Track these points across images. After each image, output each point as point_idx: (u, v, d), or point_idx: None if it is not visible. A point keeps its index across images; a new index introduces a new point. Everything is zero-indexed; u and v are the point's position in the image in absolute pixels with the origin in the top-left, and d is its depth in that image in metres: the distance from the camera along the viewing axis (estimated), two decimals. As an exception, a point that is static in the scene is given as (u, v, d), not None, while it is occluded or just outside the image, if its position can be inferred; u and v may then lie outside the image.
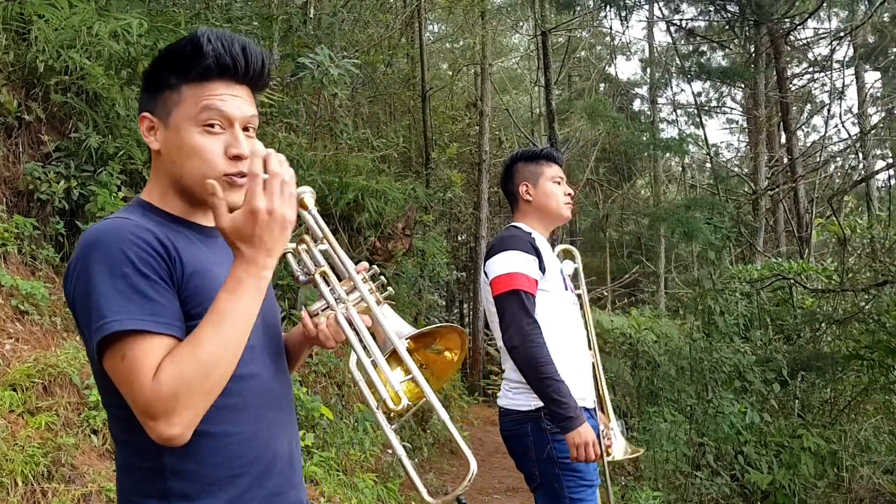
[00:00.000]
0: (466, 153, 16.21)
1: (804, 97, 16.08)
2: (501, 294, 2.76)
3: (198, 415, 1.29)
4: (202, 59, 1.43)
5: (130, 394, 1.28)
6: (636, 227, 19.72)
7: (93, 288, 1.31)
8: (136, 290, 1.31)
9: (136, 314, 1.29)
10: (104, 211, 5.02)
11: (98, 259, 1.32)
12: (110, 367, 1.31)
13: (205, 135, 1.44)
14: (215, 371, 1.29)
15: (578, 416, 2.64)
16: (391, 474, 6.48)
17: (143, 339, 1.28)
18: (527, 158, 3.09)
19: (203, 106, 1.44)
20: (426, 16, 15.77)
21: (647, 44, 20.49)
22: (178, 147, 1.45)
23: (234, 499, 1.40)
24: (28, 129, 5.28)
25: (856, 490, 5.89)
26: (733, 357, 6.55)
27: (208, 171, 1.43)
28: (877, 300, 7.08)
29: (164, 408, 1.25)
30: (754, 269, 8.60)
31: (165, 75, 1.47)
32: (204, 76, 1.44)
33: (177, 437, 1.27)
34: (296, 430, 1.61)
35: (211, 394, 1.29)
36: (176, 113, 1.45)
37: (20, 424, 3.70)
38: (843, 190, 10.72)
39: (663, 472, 6.35)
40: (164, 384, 1.26)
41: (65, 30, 5.30)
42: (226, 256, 1.46)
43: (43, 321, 4.47)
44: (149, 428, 1.27)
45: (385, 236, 8.87)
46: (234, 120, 1.46)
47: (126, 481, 1.43)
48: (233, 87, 1.47)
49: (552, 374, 2.64)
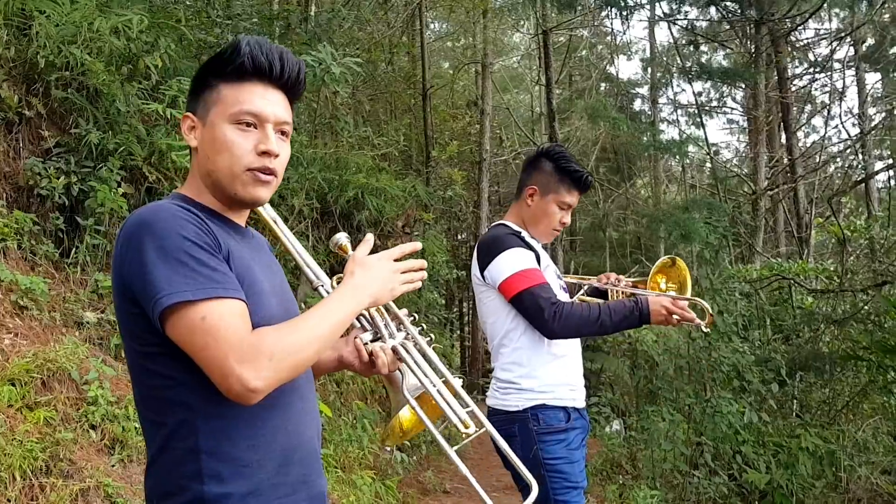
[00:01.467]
0: (467, 152, 16.21)
1: (804, 97, 16.08)
2: (516, 296, 2.73)
3: (279, 381, 1.38)
4: (238, 57, 1.51)
5: (218, 348, 1.33)
6: (636, 226, 19.71)
7: (151, 265, 1.37)
8: (198, 261, 1.38)
9: (206, 284, 1.36)
10: (104, 207, 5.03)
11: (153, 236, 1.38)
12: (187, 331, 1.35)
13: (237, 131, 1.51)
14: (307, 352, 1.41)
15: (640, 308, 2.68)
16: (389, 472, 6.48)
17: (220, 302, 1.36)
18: (558, 168, 2.95)
19: (239, 105, 1.51)
20: (427, 14, 15.77)
21: (648, 43, 20.49)
22: (212, 142, 1.52)
23: (262, 482, 1.46)
24: (28, 125, 5.28)
25: (853, 490, 5.89)
26: (732, 357, 6.54)
27: (235, 165, 1.51)
28: (875, 301, 7.08)
29: (256, 358, 1.33)
30: (753, 269, 8.60)
31: (207, 77, 1.56)
32: (240, 76, 1.52)
33: (256, 391, 1.34)
34: (318, 424, 1.68)
35: (296, 370, 1.41)
36: (213, 111, 1.53)
37: (19, 419, 3.70)
38: (842, 190, 10.72)
39: (661, 471, 6.35)
40: (264, 341, 1.36)
41: (66, 25, 5.30)
42: (255, 255, 1.60)
43: (42, 316, 4.47)
44: (234, 377, 1.32)
45: (385, 234, 8.88)
46: (268, 119, 1.53)
47: (160, 463, 1.46)
48: (269, 90, 1.55)
49: (602, 320, 2.68)
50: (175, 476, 1.44)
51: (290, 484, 1.50)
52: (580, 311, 2.69)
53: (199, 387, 1.41)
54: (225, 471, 1.42)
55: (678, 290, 3.04)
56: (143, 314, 1.40)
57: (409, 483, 6.76)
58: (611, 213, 19.08)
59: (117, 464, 3.94)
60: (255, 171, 1.52)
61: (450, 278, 11.13)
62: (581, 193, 3.00)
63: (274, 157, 1.53)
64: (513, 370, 2.79)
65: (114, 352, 4.67)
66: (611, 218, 19.12)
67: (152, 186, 5.54)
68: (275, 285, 1.59)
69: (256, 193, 1.54)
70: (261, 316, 1.46)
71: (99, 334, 4.74)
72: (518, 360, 2.79)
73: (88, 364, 4.20)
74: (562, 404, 2.77)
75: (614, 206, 19.65)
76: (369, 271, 1.56)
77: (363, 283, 1.54)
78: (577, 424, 2.81)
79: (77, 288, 4.93)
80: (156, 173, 5.51)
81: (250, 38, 1.54)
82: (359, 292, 1.53)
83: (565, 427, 2.75)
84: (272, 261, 1.70)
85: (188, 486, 1.42)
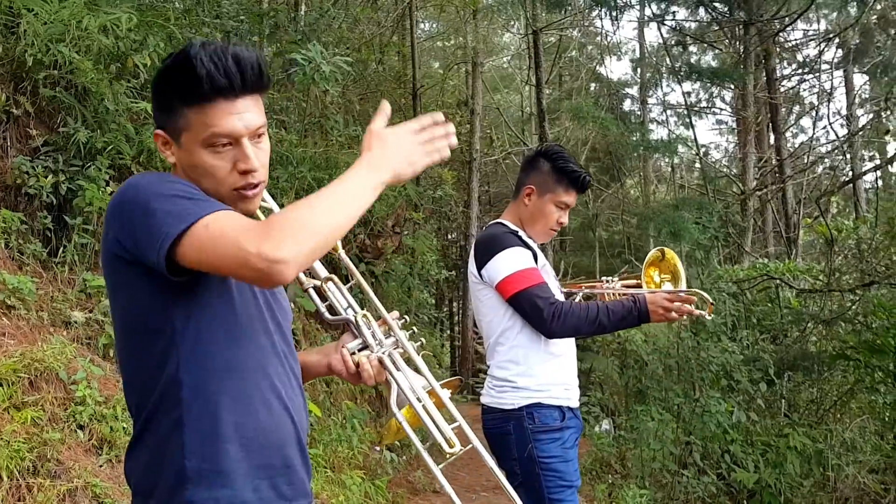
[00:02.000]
0: (457, 152, 16.18)
1: (793, 98, 16.16)
2: (514, 295, 2.73)
3: (302, 253, 1.30)
4: (198, 85, 1.45)
5: (227, 236, 1.32)
6: (626, 226, 19.75)
7: (150, 212, 1.37)
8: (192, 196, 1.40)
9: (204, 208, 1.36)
10: (92, 206, 5.00)
11: (144, 191, 1.41)
12: (196, 245, 1.33)
13: (213, 155, 1.49)
14: (325, 224, 1.33)
15: (639, 308, 2.68)
16: (379, 472, 6.48)
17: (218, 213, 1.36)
18: (556, 168, 2.93)
19: (208, 130, 1.47)
20: (417, 14, 15.76)
21: (637, 44, 20.54)
22: (192, 166, 1.52)
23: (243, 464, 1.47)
24: (16, 124, 5.25)
25: (841, 489, 5.92)
26: (720, 356, 6.57)
27: (220, 188, 1.51)
28: (863, 301, 7.12)
29: (269, 233, 1.29)
30: (741, 269, 8.63)
31: (169, 98, 1.51)
32: (204, 99, 1.47)
33: (282, 261, 1.27)
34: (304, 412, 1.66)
35: (317, 242, 1.32)
36: (185, 136, 1.50)
37: (5, 419, 3.68)
38: (830, 191, 10.76)
39: (650, 470, 6.37)
40: (273, 219, 1.33)
41: (54, 24, 5.27)
42: None
43: (30, 316, 4.44)
44: (254, 253, 1.28)
45: (375, 234, 8.88)
46: (241, 134, 1.49)
47: (144, 440, 1.49)
48: (235, 103, 1.49)
49: (600, 319, 2.68)
50: (158, 453, 1.46)
51: (273, 467, 1.52)
52: (579, 311, 2.69)
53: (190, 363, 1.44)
54: (208, 450, 1.44)
55: (672, 281, 3.05)
56: (145, 272, 1.41)
57: (399, 483, 6.75)
58: (601, 213, 19.11)
59: (105, 464, 3.92)
60: (240, 190, 1.52)
61: (440, 278, 11.13)
62: (579, 193, 2.99)
63: (255, 171, 1.52)
64: (509, 368, 2.79)
65: (102, 351, 4.65)
66: (601, 218, 19.15)
67: (141, 185, 5.51)
68: None
69: (245, 207, 1.55)
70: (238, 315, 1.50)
71: (87, 334, 4.71)
72: (514, 358, 2.78)
73: (76, 364, 4.18)
74: (557, 403, 2.77)
75: (604, 207, 19.69)
76: (387, 143, 1.49)
77: (382, 156, 1.47)
78: (571, 424, 2.81)
79: (65, 287, 4.90)
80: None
81: (201, 51, 1.45)
82: (377, 166, 1.45)
83: (560, 426, 2.75)
84: None
85: (171, 460, 1.44)
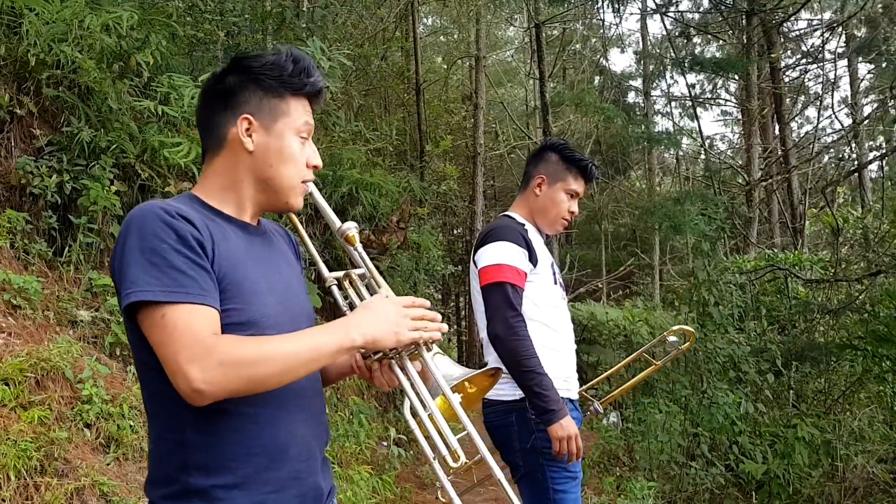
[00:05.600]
0: (461, 146, 16.21)
1: (797, 88, 16.08)
2: (488, 284, 2.74)
3: (229, 389, 1.36)
4: (312, 83, 1.65)
5: (171, 346, 1.36)
6: (631, 219, 19.72)
7: (127, 261, 1.41)
8: (169, 264, 1.40)
9: (172, 286, 1.38)
10: (96, 205, 5.01)
11: (135, 235, 1.42)
12: (147, 326, 1.39)
13: (300, 144, 1.65)
14: (264, 368, 1.38)
15: (561, 408, 2.62)
16: (386, 466, 6.48)
17: (181, 306, 1.37)
18: (564, 158, 3.01)
19: (305, 121, 1.65)
20: (420, 9, 15.73)
21: (640, 36, 20.47)
22: (279, 151, 1.62)
23: (248, 476, 1.48)
24: (20, 124, 5.25)
25: (850, 479, 5.90)
26: (728, 348, 6.56)
27: (297, 177, 1.64)
28: (870, 290, 7.10)
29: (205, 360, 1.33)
30: (748, 260, 8.62)
31: (277, 84, 1.63)
32: (307, 94, 1.66)
33: (200, 393, 1.34)
34: (322, 421, 1.68)
35: (253, 383, 1.38)
36: (283, 121, 1.62)
37: (13, 419, 3.69)
38: (836, 180, 10.74)
39: (658, 462, 6.37)
40: (219, 346, 1.36)
41: (56, 23, 5.27)
42: (261, 255, 1.62)
43: (35, 315, 4.45)
44: (181, 375, 1.33)
45: (380, 230, 8.86)
46: (311, 133, 1.69)
47: (154, 453, 1.52)
48: (310, 105, 1.69)
49: (534, 367, 2.62)
50: (165, 467, 1.48)
51: (279, 480, 1.51)
52: (527, 346, 2.66)
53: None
54: (210, 463, 1.45)
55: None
56: None
57: (406, 477, 6.76)
58: (606, 206, 19.08)
59: (112, 462, 3.93)
60: (305, 182, 1.66)
61: (445, 273, 11.12)
62: (587, 183, 3.06)
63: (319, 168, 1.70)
64: None
65: (108, 350, 4.66)
66: (606, 211, 19.12)
67: (145, 184, 5.52)
68: (275, 283, 1.59)
69: (300, 203, 1.67)
70: (251, 313, 1.49)
71: (93, 333, 4.72)
72: None
73: (82, 363, 4.19)
74: None
75: (609, 199, 19.65)
76: (370, 311, 1.53)
77: (358, 321, 1.50)
78: (572, 416, 2.76)
79: (70, 286, 4.91)
80: (148, 171, 5.49)
81: (306, 57, 1.65)
82: (350, 328, 1.48)
83: None
84: (285, 259, 1.73)
85: (176, 477, 1.46)
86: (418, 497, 6.42)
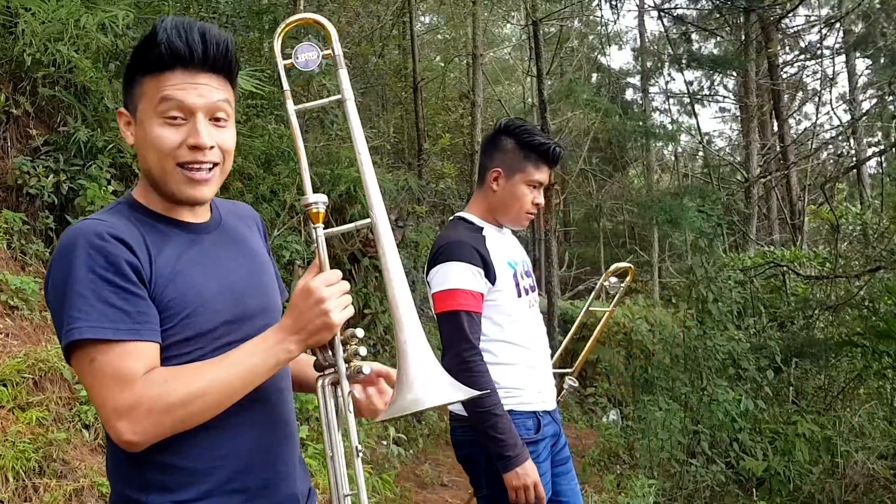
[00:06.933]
0: (459, 144, 16.17)
1: (795, 85, 16.08)
2: (442, 313, 2.45)
3: (160, 435, 1.31)
4: (156, 48, 1.40)
5: (100, 394, 1.30)
6: (629, 216, 19.72)
7: (59, 293, 1.34)
8: (99, 297, 1.31)
9: (101, 322, 1.30)
10: (94, 205, 4.99)
11: (66, 265, 1.33)
12: (78, 370, 1.34)
13: (165, 126, 1.42)
14: (197, 405, 1.31)
15: (518, 454, 2.36)
16: (386, 465, 6.47)
17: (110, 346, 1.30)
18: (521, 143, 2.61)
19: (161, 97, 1.41)
20: (417, 6, 15.71)
21: (638, 33, 20.45)
22: (143, 139, 1.44)
23: (212, 490, 1.40)
24: (16, 124, 5.24)
25: (850, 476, 5.90)
26: (727, 345, 6.55)
27: (165, 162, 1.42)
28: (869, 286, 7.09)
29: (133, 410, 1.28)
30: (747, 256, 8.61)
31: (133, 70, 1.46)
32: (161, 66, 1.41)
33: (131, 444, 1.29)
34: (289, 424, 1.58)
35: (184, 423, 1.32)
36: (141, 107, 1.44)
37: (11, 420, 3.68)
38: (835, 176, 10.74)
39: (658, 460, 6.36)
40: (147, 393, 1.28)
41: (52, 23, 5.25)
42: (210, 254, 1.49)
43: (33, 316, 4.44)
44: (110, 426, 1.29)
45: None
46: (196, 109, 1.42)
47: (113, 471, 1.46)
48: (195, 76, 1.43)
49: (490, 408, 2.36)
50: (122, 485, 1.42)
51: (247, 490, 1.44)
52: (483, 382, 2.38)
53: None
54: (169, 481, 1.38)
55: None
56: None
57: (407, 476, 6.74)
58: (604, 203, 19.07)
59: (111, 463, 3.91)
60: (185, 165, 1.42)
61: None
62: (551, 168, 2.66)
63: (207, 149, 1.43)
64: None
65: (106, 350, 4.64)
66: (604, 208, 19.11)
67: (142, 183, 5.50)
68: (229, 283, 1.49)
69: (192, 193, 1.45)
70: (198, 326, 1.40)
71: (91, 333, 4.70)
72: None
73: (81, 363, 4.17)
74: (531, 409, 2.56)
75: (608, 197, 19.64)
76: (292, 312, 1.39)
77: (288, 325, 1.38)
78: (547, 432, 2.60)
79: (68, 287, 4.89)
80: (146, 170, 5.47)
81: (168, 21, 1.41)
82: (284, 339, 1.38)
83: (534, 438, 2.54)
84: (243, 249, 1.59)
85: (135, 497, 1.39)
86: (418, 496, 6.40)
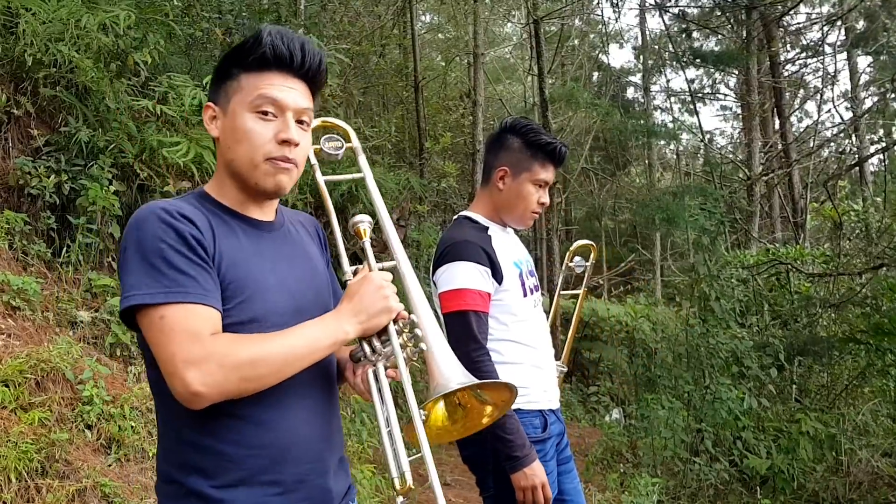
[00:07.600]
0: (460, 143, 16.15)
1: (797, 82, 16.05)
2: (449, 313, 2.46)
3: (226, 391, 1.36)
4: (259, 48, 1.52)
5: (167, 349, 1.35)
6: (631, 215, 19.70)
7: (127, 266, 1.40)
8: (169, 265, 1.39)
9: (171, 287, 1.37)
10: (95, 205, 4.99)
11: (134, 238, 1.41)
12: (147, 327, 1.39)
13: (258, 120, 1.52)
14: (262, 368, 1.38)
15: (526, 454, 2.37)
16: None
17: (180, 306, 1.36)
18: (527, 143, 2.64)
19: (258, 93, 1.52)
20: (418, 5, 15.70)
21: (639, 31, 20.44)
22: (232, 131, 1.54)
23: (246, 478, 1.45)
24: (17, 124, 5.23)
25: (854, 473, 5.88)
26: (730, 343, 6.53)
27: (255, 154, 1.52)
28: (872, 283, 7.08)
29: (204, 362, 1.33)
30: (750, 254, 8.60)
31: (229, 67, 1.57)
32: (261, 66, 1.53)
33: (198, 395, 1.33)
34: (330, 425, 1.62)
35: (248, 383, 1.38)
36: (234, 99, 1.54)
37: (13, 420, 3.67)
38: (837, 174, 10.72)
39: (662, 458, 6.35)
40: (217, 346, 1.35)
41: (53, 23, 5.25)
42: (271, 250, 1.58)
43: (35, 317, 4.43)
44: (178, 378, 1.33)
45: (379, 228, 8.84)
46: (287, 108, 1.53)
47: (159, 451, 1.53)
48: (289, 80, 1.55)
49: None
50: (166, 465, 1.48)
51: (283, 483, 1.48)
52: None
53: None
54: (208, 464, 1.43)
55: None
56: None
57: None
58: (605, 202, 19.06)
59: (114, 463, 3.91)
60: (274, 160, 1.52)
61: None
62: (556, 167, 2.68)
63: (294, 146, 1.53)
64: None
65: (108, 351, 4.64)
66: (606, 207, 19.10)
67: (144, 184, 5.49)
68: (285, 279, 1.56)
69: (277, 182, 1.55)
70: (254, 311, 1.47)
71: (93, 333, 4.70)
72: None
73: (83, 363, 4.16)
74: (537, 407, 2.57)
75: (609, 195, 19.62)
76: (351, 299, 1.53)
77: (346, 312, 1.51)
78: (553, 431, 2.61)
79: (70, 287, 4.89)
80: (147, 170, 5.46)
81: (272, 28, 1.54)
82: (341, 321, 1.49)
83: (542, 437, 2.55)
84: (303, 252, 1.68)
85: (175, 476, 1.45)
86: (422, 496, 6.40)
